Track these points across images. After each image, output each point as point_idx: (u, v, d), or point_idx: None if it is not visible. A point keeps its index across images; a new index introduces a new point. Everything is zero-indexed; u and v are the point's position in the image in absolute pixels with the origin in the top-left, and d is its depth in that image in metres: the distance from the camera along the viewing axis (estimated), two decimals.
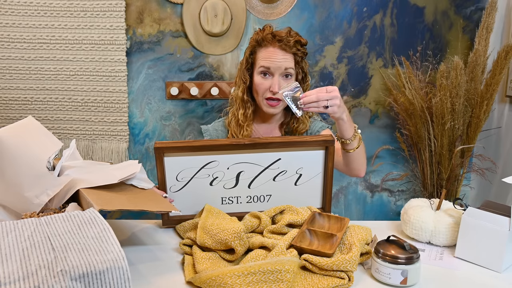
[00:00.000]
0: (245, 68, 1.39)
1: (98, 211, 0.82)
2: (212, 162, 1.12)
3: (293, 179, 1.16)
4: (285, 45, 1.28)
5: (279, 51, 1.29)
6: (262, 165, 1.13)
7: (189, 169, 1.14)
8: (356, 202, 2.34)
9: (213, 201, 1.15)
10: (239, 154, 1.12)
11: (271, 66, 1.28)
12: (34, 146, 1.02)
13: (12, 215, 0.98)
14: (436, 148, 1.99)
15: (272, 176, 1.15)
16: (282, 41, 1.28)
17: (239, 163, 1.13)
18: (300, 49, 1.32)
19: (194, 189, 1.15)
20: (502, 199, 2.02)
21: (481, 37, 1.94)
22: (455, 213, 1.07)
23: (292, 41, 1.29)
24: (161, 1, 2.07)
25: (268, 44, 1.30)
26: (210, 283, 0.82)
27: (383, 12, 2.13)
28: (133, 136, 2.20)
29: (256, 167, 1.13)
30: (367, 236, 0.97)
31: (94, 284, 0.68)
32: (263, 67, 1.29)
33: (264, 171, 1.14)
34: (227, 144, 1.11)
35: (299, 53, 1.31)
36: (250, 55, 1.36)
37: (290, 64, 1.29)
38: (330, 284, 0.84)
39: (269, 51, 1.30)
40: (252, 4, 2.09)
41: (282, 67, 1.28)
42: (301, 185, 1.17)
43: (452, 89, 1.90)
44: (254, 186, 1.15)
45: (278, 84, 1.30)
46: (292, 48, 1.29)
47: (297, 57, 1.32)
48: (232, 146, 1.11)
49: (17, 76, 2.06)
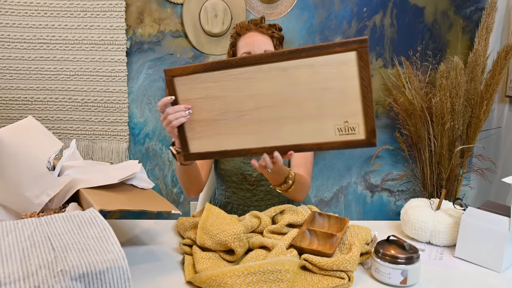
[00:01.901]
0: None
1: (98, 211, 0.82)
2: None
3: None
4: (261, 27, 1.34)
5: (257, 34, 1.34)
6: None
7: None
8: (356, 202, 2.34)
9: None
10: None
11: (252, 49, 1.32)
12: (34, 146, 1.02)
13: (12, 215, 0.98)
14: (436, 148, 1.99)
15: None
16: (258, 24, 1.35)
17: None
18: (275, 32, 1.36)
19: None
20: (502, 199, 2.02)
21: (481, 37, 1.95)
22: (455, 213, 1.07)
23: (267, 25, 1.36)
24: (161, 1, 2.08)
25: (246, 31, 1.35)
26: (210, 283, 0.82)
27: (383, 12, 2.13)
28: (133, 136, 2.20)
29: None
30: (367, 236, 0.97)
31: (94, 284, 0.68)
32: (245, 53, 1.33)
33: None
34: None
35: (276, 35, 1.36)
36: (232, 47, 1.41)
37: (269, 47, 1.33)
38: (330, 284, 0.84)
39: (247, 37, 1.35)
40: (252, 4, 2.09)
41: (262, 48, 1.32)
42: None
43: (452, 89, 1.90)
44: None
45: None
46: (268, 30, 1.34)
47: (274, 40, 1.36)
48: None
49: (17, 76, 2.06)
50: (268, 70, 0.95)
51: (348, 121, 0.94)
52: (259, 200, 1.35)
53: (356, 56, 0.89)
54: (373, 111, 0.92)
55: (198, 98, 1.01)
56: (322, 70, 0.92)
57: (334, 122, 0.94)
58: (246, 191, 1.35)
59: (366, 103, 0.92)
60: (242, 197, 1.36)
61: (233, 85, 0.98)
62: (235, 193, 1.36)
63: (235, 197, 1.36)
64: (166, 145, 2.22)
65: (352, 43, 0.88)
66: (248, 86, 0.97)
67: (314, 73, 0.93)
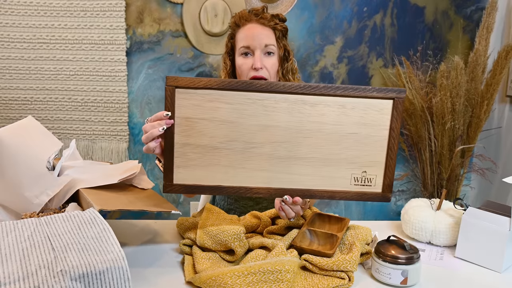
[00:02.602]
0: (225, 53, 1.33)
1: (98, 211, 0.82)
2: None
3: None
4: (263, 19, 1.23)
5: (257, 26, 1.23)
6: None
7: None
8: (356, 202, 2.34)
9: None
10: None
11: (251, 44, 1.22)
12: (34, 146, 1.02)
13: (12, 215, 0.98)
14: (437, 148, 1.99)
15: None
16: (259, 15, 1.23)
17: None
18: (278, 23, 1.25)
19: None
20: (503, 199, 2.02)
21: (482, 37, 1.94)
22: (455, 213, 1.07)
23: (269, 15, 1.24)
24: (161, 1, 2.07)
25: (246, 22, 1.24)
26: (210, 283, 0.82)
27: (383, 12, 2.13)
28: (133, 136, 2.20)
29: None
30: (367, 236, 0.97)
31: (94, 284, 0.68)
32: (243, 47, 1.23)
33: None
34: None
35: (278, 27, 1.24)
36: (231, 39, 1.30)
37: (270, 40, 1.23)
38: (330, 284, 0.84)
39: (247, 29, 1.24)
40: (252, 4, 2.09)
41: (262, 43, 1.22)
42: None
43: (453, 89, 1.90)
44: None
45: (260, 61, 1.22)
46: (270, 21, 1.23)
47: (277, 32, 1.25)
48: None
49: (17, 76, 2.06)
50: (295, 102, 0.86)
51: (366, 171, 0.89)
52: (262, 208, 1.28)
53: (392, 105, 0.86)
54: (395, 164, 0.89)
55: (201, 118, 0.87)
56: (353, 113, 0.87)
57: (352, 171, 0.89)
58: (248, 199, 1.30)
59: (391, 155, 0.88)
60: (244, 205, 1.30)
61: (250, 111, 0.87)
62: (237, 201, 1.31)
63: (237, 204, 1.31)
64: None
65: (390, 91, 0.86)
66: (266, 116, 0.87)
67: (343, 114, 0.87)
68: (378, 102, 0.86)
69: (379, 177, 0.89)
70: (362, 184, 0.90)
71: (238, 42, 1.26)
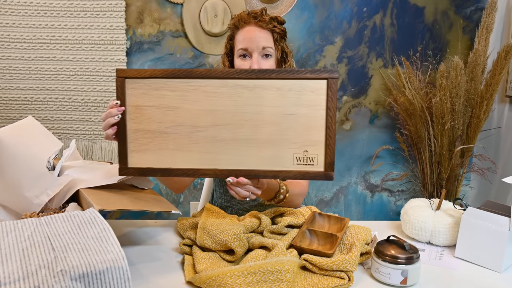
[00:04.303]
0: (224, 53, 1.34)
1: (98, 211, 0.82)
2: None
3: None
4: (261, 21, 1.24)
5: (255, 29, 1.24)
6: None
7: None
8: (356, 202, 2.34)
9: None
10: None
11: (249, 46, 1.23)
12: (34, 146, 1.02)
13: (12, 215, 0.98)
14: (436, 148, 1.99)
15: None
16: (257, 18, 1.24)
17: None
18: (277, 26, 1.26)
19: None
20: (502, 199, 2.02)
21: (481, 37, 1.95)
22: (455, 213, 1.07)
23: (268, 18, 1.25)
24: (161, 1, 2.08)
25: (244, 24, 1.25)
26: (210, 283, 0.82)
27: (383, 12, 2.13)
28: None
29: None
30: (367, 236, 0.97)
31: (94, 284, 0.68)
32: (241, 49, 1.24)
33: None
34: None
35: (277, 29, 1.25)
36: (230, 41, 1.31)
37: (268, 43, 1.24)
38: (330, 284, 0.84)
39: (245, 31, 1.25)
40: (252, 4, 2.09)
41: (260, 45, 1.23)
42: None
43: (452, 89, 1.90)
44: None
45: (258, 63, 1.24)
46: (268, 24, 1.24)
47: (275, 35, 1.26)
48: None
49: (17, 76, 2.06)
50: (234, 86, 0.92)
51: (308, 150, 0.93)
52: (258, 205, 1.30)
53: (326, 85, 0.90)
54: (334, 143, 0.92)
55: (149, 106, 0.93)
56: (289, 95, 0.91)
57: (294, 151, 0.92)
58: None
59: (330, 134, 0.91)
60: (241, 201, 1.31)
61: (193, 97, 0.93)
62: (233, 198, 1.30)
63: (234, 201, 1.32)
64: None
65: (323, 72, 0.90)
66: (208, 101, 0.92)
67: (281, 96, 0.91)
68: (313, 83, 0.90)
69: (321, 156, 0.92)
70: (305, 164, 0.93)
71: (237, 44, 1.27)
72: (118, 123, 0.94)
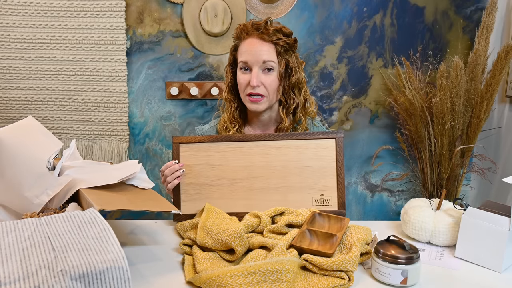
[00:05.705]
0: (228, 65, 1.33)
1: (98, 211, 0.82)
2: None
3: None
4: (263, 33, 1.20)
5: (257, 42, 1.21)
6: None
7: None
8: (356, 202, 2.34)
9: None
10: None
11: (249, 60, 1.21)
12: (34, 146, 1.02)
13: (12, 215, 0.98)
14: (436, 148, 1.99)
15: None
16: (260, 29, 1.21)
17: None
18: (281, 38, 1.22)
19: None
20: (502, 199, 2.02)
21: (481, 37, 1.94)
22: (455, 213, 1.07)
23: (272, 29, 1.21)
24: (161, 1, 2.08)
25: (247, 35, 1.23)
26: (210, 283, 0.82)
27: (383, 12, 2.13)
28: (133, 136, 2.20)
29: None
30: (367, 236, 0.97)
31: (94, 284, 0.68)
32: (242, 62, 1.23)
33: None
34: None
35: (281, 42, 1.21)
36: (233, 51, 1.30)
37: (269, 56, 1.21)
38: (330, 284, 0.84)
39: (247, 43, 1.22)
40: (252, 4, 2.09)
41: (260, 59, 1.20)
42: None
43: (452, 89, 1.90)
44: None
45: (257, 77, 1.22)
46: (272, 36, 1.21)
47: (279, 47, 1.22)
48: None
49: (17, 76, 2.06)
50: (264, 147, 1.16)
51: (323, 194, 1.15)
52: None
53: (335, 143, 1.15)
54: (344, 187, 1.15)
55: (198, 164, 1.16)
56: (307, 151, 1.16)
57: (312, 195, 1.15)
58: None
59: (340, 180, 1.15)
60: None
61: (232, 156, 1.16)
62: None
63: None
64: (166, 145, 2.22)
65: (332, 134, 1.16)
66: (244, 158, 1.16)
67: (301, 153, 1.16)
68: (324, 141, 1.16)
69: (334, 198, 1.15)
70: (322, 205, 1.15)
71: (239, 56, 1.25)
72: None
